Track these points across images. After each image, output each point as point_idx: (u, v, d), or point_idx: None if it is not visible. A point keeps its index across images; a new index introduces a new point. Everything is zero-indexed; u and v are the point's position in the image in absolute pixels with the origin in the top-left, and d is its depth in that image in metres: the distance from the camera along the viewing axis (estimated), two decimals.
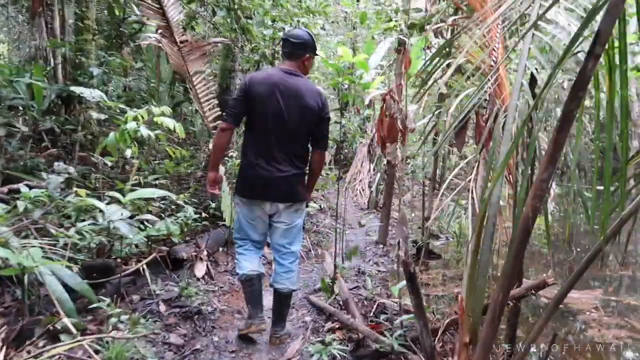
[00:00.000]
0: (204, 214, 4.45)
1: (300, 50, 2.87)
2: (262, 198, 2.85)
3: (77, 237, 2.91)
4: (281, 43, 2.97)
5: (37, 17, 5.33)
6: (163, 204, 4.14)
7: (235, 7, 5.77)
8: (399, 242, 2.69)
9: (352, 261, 5.47)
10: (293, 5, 6.69)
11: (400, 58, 3.24)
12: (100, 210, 3.06)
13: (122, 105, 3.95)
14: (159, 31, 4.96)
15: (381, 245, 6.33)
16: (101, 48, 6.10)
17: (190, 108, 6.00)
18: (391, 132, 4.31)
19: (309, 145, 2.95)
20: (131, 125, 3.69)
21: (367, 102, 4.66)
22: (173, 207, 4.36)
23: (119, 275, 3.11)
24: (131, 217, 3.21)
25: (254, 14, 6.45)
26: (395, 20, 5.67)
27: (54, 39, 5.36)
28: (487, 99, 2.77)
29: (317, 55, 3.01)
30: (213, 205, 4.67)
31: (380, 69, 16.64)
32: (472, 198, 2.80)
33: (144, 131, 3.64)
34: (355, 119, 12.31)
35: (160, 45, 4.79)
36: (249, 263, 2.97)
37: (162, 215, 4.13)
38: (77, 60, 5.46)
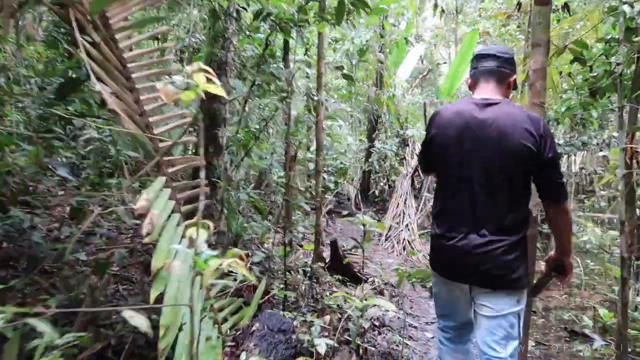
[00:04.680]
0: None
1: (506, 69, 2.01)
2: (454, 279, 2.02)
3: None
4: (474, 61, 2.08)
5: None
6: None
7: None
8: None
9: None
10: None
11: None
12: None
13: None
14: None
15: None
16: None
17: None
18: None
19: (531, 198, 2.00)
20: None
21: None
22: None
23: None
24: None
25: None
26: None
27: None
28: None
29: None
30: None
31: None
32: None
33: None
34: (394, 141, 9.19)
35: None
36: None
37: None
38: None
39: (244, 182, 7.42)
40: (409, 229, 7.89)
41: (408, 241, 7.62)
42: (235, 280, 3.40)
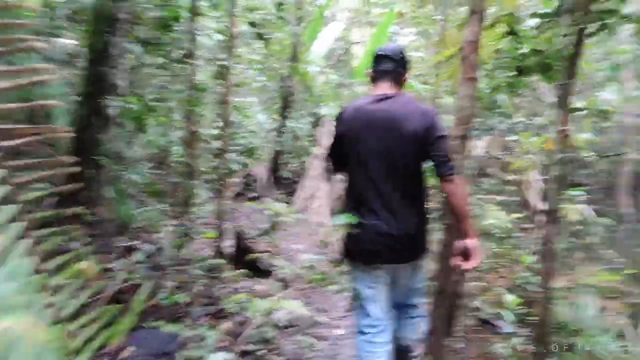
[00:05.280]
0: None
1: (402, 69, 2.30)
2: (377, 262, 2.20)
3: None
4: (374, 60, 2.33)
5: None
6: None
7: None
8: None
9: None
10: None
11: None
12: None
13: None
14: None
15: None
16: None
17: None
18: None
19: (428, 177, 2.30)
20: None
21: None
22: None
23: None
24: None
25: None
26: None
27: None
28: None
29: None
30: None
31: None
32: None
33: None
34: (306, 120, 8.78)
35: None
36: None
37: None
38: None
39: (144, 161, 6.56)
40: (319, 212, 7.60)
41: (318, 225, 7.33)
42: (111, 279, 2.76)
